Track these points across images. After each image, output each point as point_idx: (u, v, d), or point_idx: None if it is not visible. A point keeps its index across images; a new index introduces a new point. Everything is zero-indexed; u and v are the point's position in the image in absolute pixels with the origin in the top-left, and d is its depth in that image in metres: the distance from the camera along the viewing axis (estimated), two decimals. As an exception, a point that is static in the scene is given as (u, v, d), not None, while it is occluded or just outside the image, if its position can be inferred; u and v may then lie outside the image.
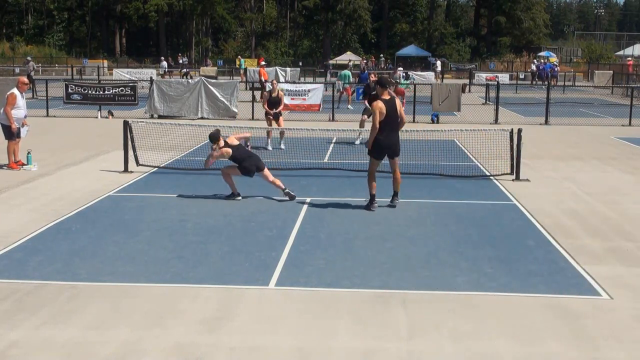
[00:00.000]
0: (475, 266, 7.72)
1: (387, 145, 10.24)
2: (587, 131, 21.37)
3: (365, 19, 72.56)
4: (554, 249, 8.47)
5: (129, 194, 11.47)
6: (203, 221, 9.62)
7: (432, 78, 43.99)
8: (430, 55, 67.25)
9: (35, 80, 32.80)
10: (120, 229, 9.17)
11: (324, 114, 23.77)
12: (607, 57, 66.56)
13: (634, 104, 24.40)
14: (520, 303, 6.63)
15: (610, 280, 7.31)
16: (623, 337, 5.90)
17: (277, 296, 6.76)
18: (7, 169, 13.43)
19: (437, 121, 23.20)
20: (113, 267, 7.57)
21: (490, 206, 10.85)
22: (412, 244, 8.61)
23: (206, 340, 5.73)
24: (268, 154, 15.55)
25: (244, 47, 75.42)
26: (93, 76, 45.36)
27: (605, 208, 10.74)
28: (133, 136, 13.39)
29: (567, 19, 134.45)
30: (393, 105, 10.17)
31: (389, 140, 10.21)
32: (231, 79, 43.82)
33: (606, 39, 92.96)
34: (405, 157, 14.74)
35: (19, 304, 6.48)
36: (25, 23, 76.72)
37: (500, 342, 5.75)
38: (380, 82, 10.52)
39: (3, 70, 47.82)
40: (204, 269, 7.55)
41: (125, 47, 79.79)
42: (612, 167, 14.72)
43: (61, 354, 5.44)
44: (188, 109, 23.62)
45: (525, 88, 41.82)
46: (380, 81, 10.56)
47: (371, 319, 6.18)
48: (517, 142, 12.76)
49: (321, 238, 8.81)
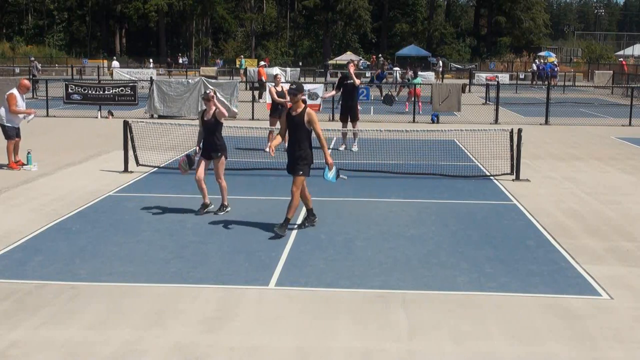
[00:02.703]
0: (475, 266, 7.71)
1: (289, 163, 9.06)
2: (587, 131, 21.37)
3: (365, 19, 72.59)
4: (554, 249, 8.47)
5: (129, 194, 11.47)
6: (203, 221, 9.62)
7: (433, 78, 44.00)
8: (431, 55, 67.27)
9: (35, 80, 32.78)
10: (120, 229, 9.17)
11: (324, 114, 23.76)
12: (607, 57, 66.57)
13: (634, 104, 24.40)
14: (520, 303, 6.63)
15: (610, 280, 7.31)
16: (623, 337, 5.90)
17: (277, 296, 6.76)
18: (7, 169, 13.43)
19: (437, 121, 23.20)
20: (113, 267, 7.57)
21: (490, 206, 10.85)
22: (412, 244, 8.61)
23: (206, 340, 5.73)
24: (268, 154, 15.51)
25: (244, 47, 75.42)
26: (93, 76, 45.36)
27: (605, 208, 10.74)
28: (133, 136, 13.39)
29: (567, 19, 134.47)
30: (298, 119, 8.81)
31: (290, 157, 9.01)
32: (231, 79, 43.82)
33: (606, 39, 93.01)
34: (406, 157, 14.79)
35: (19, 304, 6.47)
36: (25, 23, 76.71)
37: (500, 342, 5.75)
38: (291, 90, 8.90)
39: (3, 70, 47.78)
40: (204, 269, 7.54)
41: (125, 47, 79.78)
42: (612, 167, 14.72)
43: (61, 354, 5.44)
44: (188, 109, 23.61)
45: (525, 88, 41.82)
46: (291, 90, 8.92)
47: (371, 319, 6.18)
48: (517, 142, 12.76)
49: (321, 238, 8.81)
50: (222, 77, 46.54)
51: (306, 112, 8.81)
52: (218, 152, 9.86)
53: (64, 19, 77.27)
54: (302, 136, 8.86)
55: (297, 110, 8.85)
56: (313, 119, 8.80)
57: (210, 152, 9.88)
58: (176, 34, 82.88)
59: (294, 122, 8.86)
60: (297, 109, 8.85)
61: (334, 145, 16.98)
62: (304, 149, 8.88)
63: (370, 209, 10.44)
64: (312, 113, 8.84)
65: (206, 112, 9.95)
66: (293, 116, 8.88)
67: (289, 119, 8.94)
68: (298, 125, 8.82)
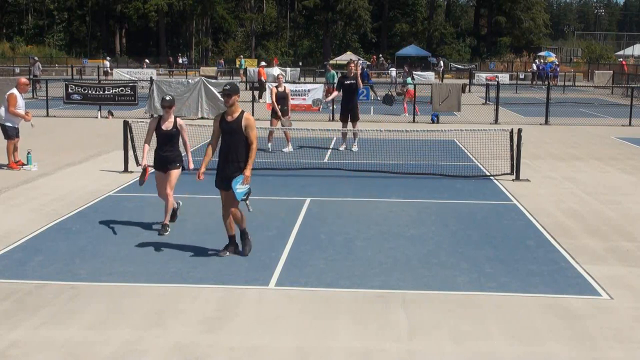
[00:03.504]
0: (475, 266, 7.71)
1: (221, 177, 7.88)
2: (587, 131, 21.37)
3: (365, 19, 72.60)
4: (554, 249, 8.47)
5: (129, 194, 11.47)
6: (203, 221, 9.62)
7: (433, 78, 43.98)
8: (431, 55, 67.28)
9: (35, 80, 32.77)
10: (120, 229, 9.17)
11: (324, 114, 23.76)
12: (607, 57, 66.59)
13: (634, 104, 24.40)
14: (520, 303, 6.63)
15: (610, 280, 7.31)
16: (623, 337, 5.90)
17: (277, 296, 6.76)
18: (7, 169, 13.44)
19: (437, 121, 23.20)
20: (113, 267, 7.57)
21: (490, 206, 10.84)
22: (412, 244, 8.61)
23: (206, 340, 5.73)
24: (268, 154, 15.54)
25: (244, 47, 75.43)
26: (93, 76, 45.35)
27: (605, 208, 10.74)
28: (133, 136, 13.40)
29: (567, 19, 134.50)
30: (234, 125, 7.69)
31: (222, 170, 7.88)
32: (231, 79, 43.81)
33: (606, 39, 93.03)
34: (406, 157, 14.79)
35: (19, 304, 6.47)
36: (25, 23, 76.73)
37: (500, 342, 5.75)
38: (225, 92, 7.72)
39: (3, 70, 47.79)
40: (204, 269, 7.54)
41: (125, 47, 79.79)
42: (612, 167, 14.72)
43: (61, 354, 5.44)
44: (188, 109, 23.62)
45: (525, 88, 41.82)
46: (224, 91, 7.74)
47: (371, 319, 6.18)
48: (517, 142, 12.76)
49: (321, 238, 8.81)
50: (222, 77, 46.54)
51: (244, 116, 7.73)
52: (177, 163, 9.03)
53: (64, 19, 77.28)
54: (238, 145, 7.70)
55: (233, 115, 7.74)
56: (251, 125, 7.71)
57: (168, 163, 9.00)
58: (176, 34, 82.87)
59: (230, 129, 7.70)
60: (233, 113, 7.74)
61: (334, 145, 16.99)
62: (242, 160, 7.73)
63: (370, 209, 10.44)
64: (250, 118, 7.77)
65: (163, 119, 8.98)
66: (228, 122, 7.73)
67: (224, 125, 7.75)
68: (234, 132, 7.68)
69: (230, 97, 7.67)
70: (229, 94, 7.67)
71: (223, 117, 7.80)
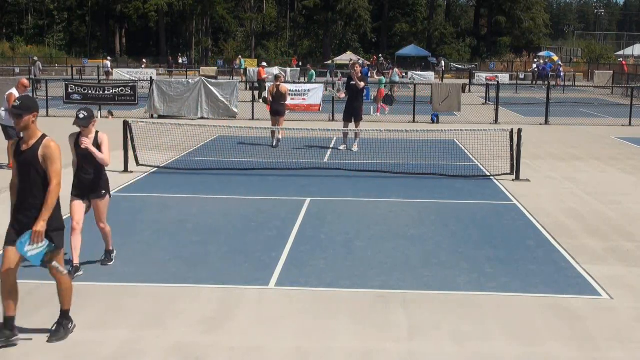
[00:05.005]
0: (475, 266, 7.71)
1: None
2: (587, 131, 21.37)
3: (365, 19, 72.62)
4: (554, 249, 8.47)
5: (129, 194, 11.47)
6: (203, 221, 9.62)
7: (433, 78, 43.99)
8: (430, 55, 67.27)
9: (35, 80, 32.76)
10: (120, 229, 9.15)
11: (323, 114, 23.76)
12: (607, 57, 66.56)
13: (634, 104, 24.40)
14: (520, 303, 6.63)
15: (610, 280, 7.31)
16: (623, 337, 5.90)
17: (277, 296, 6.76)
18: (7, 169, 13.43)
19: (437, 121, 23.20)
20: (112, 267, 7.57)
21: (490, 206, 10.84)
22: (412, 244, 8.60)
23: (206, 340, 5.73)
24: (269, 154, 15.55)
25: (243, 47, 75.41)
26: (93, 76, 45.34)
27: (605, 208, 10.74)
28: (133, 136, 13.40)
29: (567, 19, 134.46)
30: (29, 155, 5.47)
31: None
32: (231, 79, 43.82)
33: (606, 39, 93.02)
34: (406, 157, 14.79)
35: (19, 304, 6.46)
36: (25, 23, 76.71)
37: (500, 342, 5.75)
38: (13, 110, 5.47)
39: (3, 70, 47.79)
40: (203, 269, 7.54)
41: (125, 47, 79.80)
42: (612, 167, 14.71)
43: (61, 354, 5.44)
44: (188, 109, 23.62)
45: (525, 88, 41.81)
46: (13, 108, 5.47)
47: (371, 319, 6.17)
48: (517, 142, 12.76)
49: (321, 238, 8.81)
50: (222, 77, 46.53)
51: (42, 144, 5.47)
52: (102, 191, 7.40)
53: (64, 19, 77.24)
54: (35, 182, 5.47)
55: (29, 143, 5.51)
56: (52, 155, 5.43)
57: (90, 192, 7.33)
58: (176, 34, 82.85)
59: (24, 161, 5.50)
60: (29, 140, 5.51)
61: (334, 145, 16.99)
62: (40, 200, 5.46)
63: (370, 209, 10.43)
64: (52, 147, 5.46)
65: (81, 136, 7.25)
66: (23, 151, 5.53)
67: (17, 155, 5.57)
68: (29, 164, 5.47)
69: (22, 117, 5.43)
70: (19, 114, 5.41)
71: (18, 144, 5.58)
